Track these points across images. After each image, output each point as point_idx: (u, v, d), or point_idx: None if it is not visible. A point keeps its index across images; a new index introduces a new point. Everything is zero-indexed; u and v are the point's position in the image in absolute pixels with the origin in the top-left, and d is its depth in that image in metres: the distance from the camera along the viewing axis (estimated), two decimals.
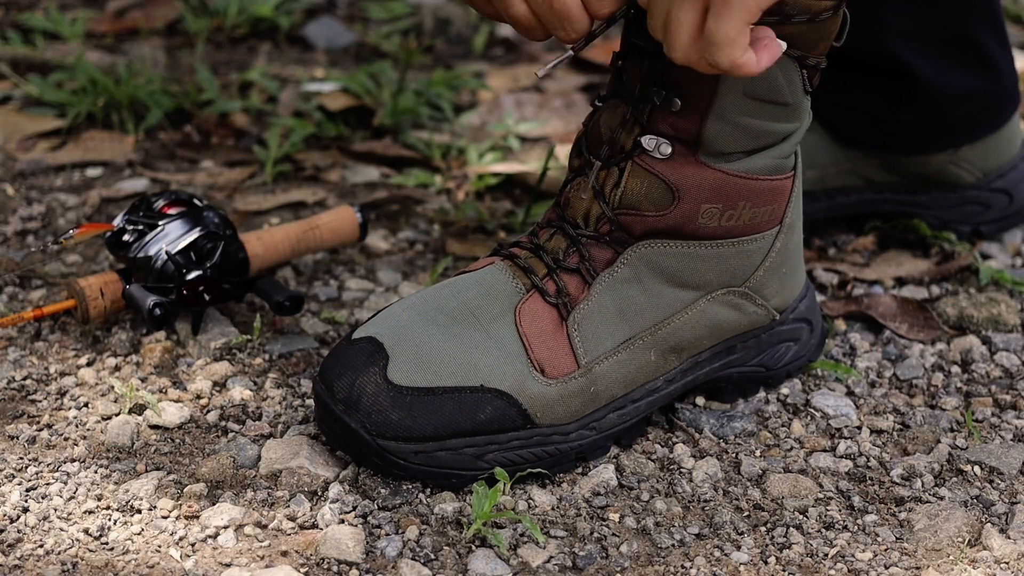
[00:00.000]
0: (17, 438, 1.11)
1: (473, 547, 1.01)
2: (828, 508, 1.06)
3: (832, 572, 1.00)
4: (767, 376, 1.18)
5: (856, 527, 1.05)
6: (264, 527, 1.02)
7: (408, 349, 1.04)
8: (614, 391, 1.08)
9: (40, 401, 1.16)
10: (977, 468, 1.11)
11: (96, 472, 1.07)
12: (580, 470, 1.09)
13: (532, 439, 1.05)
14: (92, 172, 1.57)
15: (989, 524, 1.05)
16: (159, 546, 0.99)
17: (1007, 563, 1.01)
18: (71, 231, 1.24)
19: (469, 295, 1.07)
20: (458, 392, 1.03)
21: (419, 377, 1.03)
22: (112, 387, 1.17)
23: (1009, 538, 1.03)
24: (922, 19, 1.33)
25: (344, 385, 1.04)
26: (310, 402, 1.17)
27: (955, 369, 1.25)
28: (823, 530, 1.04)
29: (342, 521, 1.02)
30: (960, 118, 1.38)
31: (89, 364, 1.21)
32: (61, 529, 1.01)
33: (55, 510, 1.03)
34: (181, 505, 1.03)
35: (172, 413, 1.14)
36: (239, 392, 1.17)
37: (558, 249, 1.09)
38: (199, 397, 1.17)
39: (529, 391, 1.05)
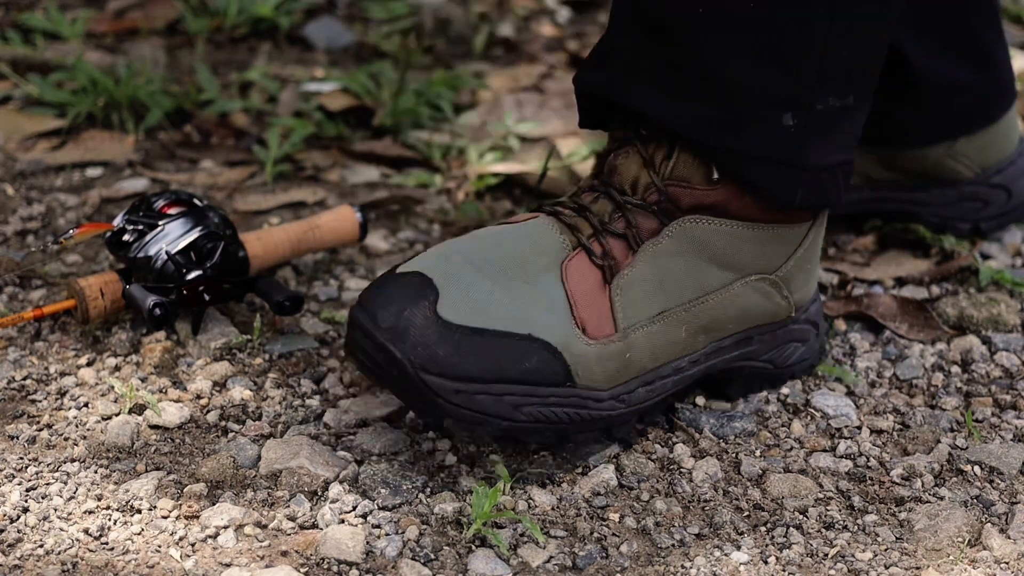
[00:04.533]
0: (17, 438, 1.11)
1: (473, 547, 1.01)
2: (828, 508, 1.06)
3: (832, 572, 1.00)
4: (773, 374, 1.18)
5: (856, 527, 1.05)
6: (264, 527, 1.02)
7: (459, 288, 1.03)
8: (645, 363, 1.08)
9: (40, 401, 1.16)
10: (977, 468, 1.11)
11: (96, 472, 1.07)
12: (580, 470, 1.09)
13: (569, 398, 1.05)
14: (92, 172, 1.57)
15: (989, 524, 1.05)
16: (159, 546, 0.99)
17: (1007, 563, 1.01)
18: (71, 231, 1.24)
19: (516, 246, 1.07)
20: (507, 337, 1.02)
21: (470, 316, 1.02)
22: (112, 387, 1.17)
23: (1009, 538, 1.03)
24: (922, 7, 1.33)
25: (391, 314, 1.01)
26: (310, 402, 1.17)
27: (955, 369, 1.25)
28: (823, 530, 1.04)
29: (342, 521, 1.02)
30: (955, 109, 1.38)
31: (89, 364, 1.21)
32: (61, 529, 1.01)
33: (55, 510, 1.03)
34: (181, 505, 1.03)
35: (172, 413, 1.14)
36: (239, 392, 1.17)
37: (604, 212, 1.09)
38: (199, 397, 1.17)
39: (573, 348, 1.04)
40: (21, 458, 1.08)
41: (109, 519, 1.02)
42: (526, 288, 1.05)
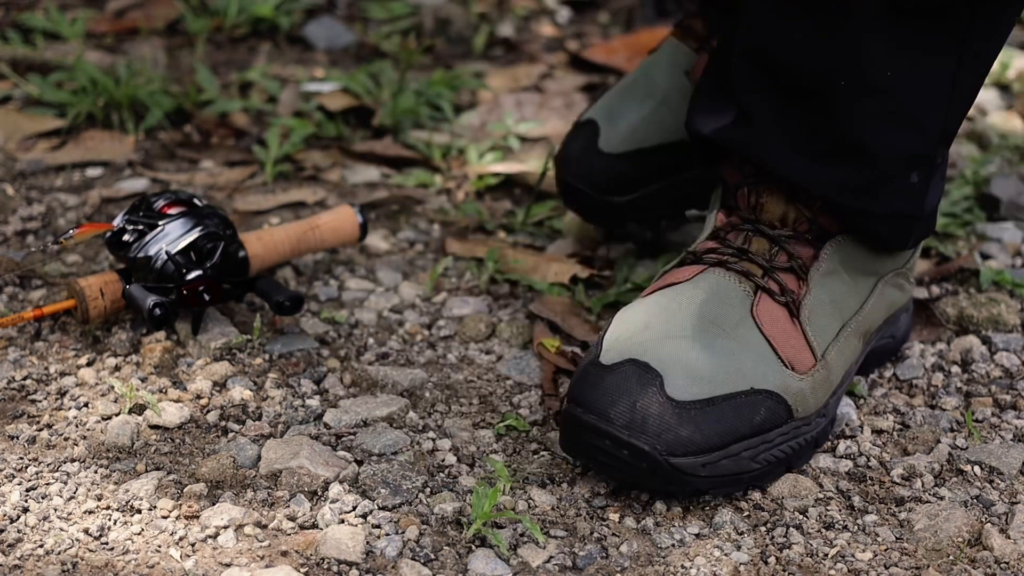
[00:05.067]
0: (17, 438, 1.11)
1: (473, 547, 1.01)
2: (828, 508, 1.06)
3: (832, 572, 1.00)
4: (893, 345, 1.24)
5: (856, 527, 1.05)
6: (264, 527, 1.02)
7: (675, 365, 1.04)
8: (836, 378, 1.13)
9: (40, 401, 1.16)
10: (977, 468, 1.11)
11: (96, 472, 1.07)
12: (579, 470, 1.09)
13: (790, 432, 1.07)
14: (92, 172, 1.57)
15: (989, 524, 1.05)
16: (159, 546, 0.99)
17: (1007, 563, 1.01)
18: (71, 231, 1.24)
19: (703, 307, 1.08)
20: (733, 398, 1.04)
21: (696, 390, 1.03)
22: (112, 387, 1.17)
23: (1009, 538, 1.03)
24: None
25: (623, 410, 1.02)
26: (311, 402, 1.17)
27: (955, 369, 1.25)
28: (823, 530, 1.04)
29: (342, 521, 1.02)
30: None
31: (89, 364, 1.21)
32: (61, 529, 1.01)
33: (55, 510, 1.03)
34: (181, 505, 1.03)
35: (172, 413, 1.14)
36: (239, 392, 1.17)
37: (762, 250, 1.12)
38: (199, 397, 1.17)
39: (791, 388, 1.07)
40: (21, 458, 1.08)
41: (109, 519, 1.02)
42: (731, 344, 1.06)
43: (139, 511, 1.03)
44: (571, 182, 1.38)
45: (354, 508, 1.04)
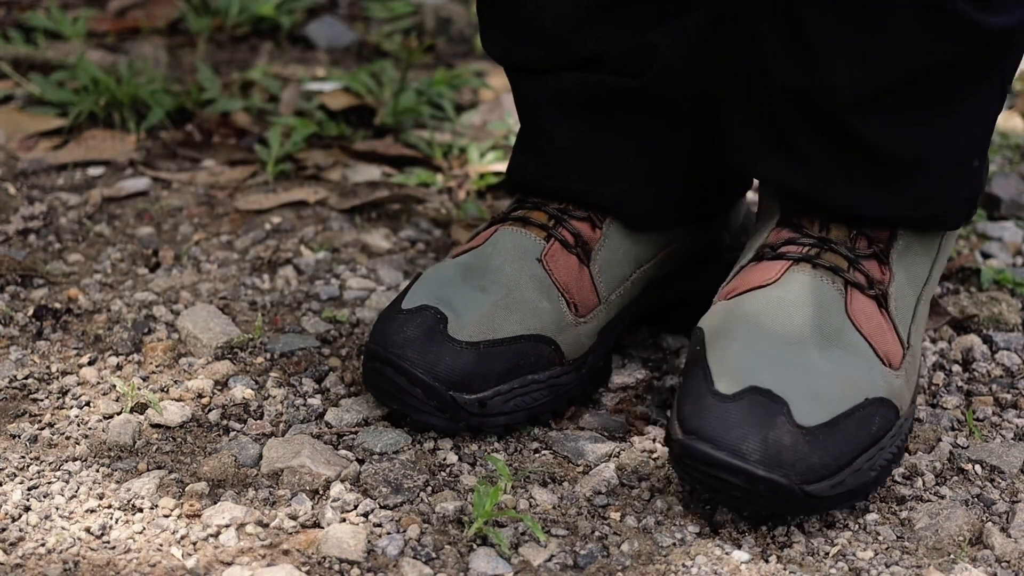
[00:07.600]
0: (19, 437, 1.11)
1: (474, 546, 1.01)
2: None
3: (833, 571, 1.00)
4: None
5: (857, 526, 1.05)
6: (266, 526, 1.02)
7: (796, 388, 1.00)
8: (918, 361, 1.10)
9: (42, 400, 1.16)
10: (978, 467, 1.11)
11: (98, 471, 1.07)
12: (581, 469, 1.10)
13: (895, 432, 1.05)
14: (94, 171, 1.57)
15: (990, 523, 1.05)
16: (161, 545, 1.00)
17: (1008, 562, 1.01)
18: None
19: (802, 316, 1.04)
20: (852, 414, 1.01)
21: (820, 412, 1.00)
22: (114, 386, 1.17)
23: (1010, 537, 1.03)
24: None
25: (756, 444, 0.98)
26: (312, 401, 1.17)
27: (956, 368, 1.25)
28: (824, 529, 1.04)
29: (343, 520, 1.02)
30: None
31: (91, 363, 1.21)
32: (63, 528, 1.01)
33: (56, 509, 1.03)
34: (183, 504, 1.04)
35: (173, 412, 1.14)
36: (240, 391, 1.17)
37: (843, 238, 1.08)
38: (200, 396, 1.17)
39: (894, 388, 1.05)
40: (23, 457, 1.09)
41: (111, 518, 1.02)
42: (838, 353, 1.03)
43: (141, 510, 1.03)
44: None
45: (355, 507, 1.04)
